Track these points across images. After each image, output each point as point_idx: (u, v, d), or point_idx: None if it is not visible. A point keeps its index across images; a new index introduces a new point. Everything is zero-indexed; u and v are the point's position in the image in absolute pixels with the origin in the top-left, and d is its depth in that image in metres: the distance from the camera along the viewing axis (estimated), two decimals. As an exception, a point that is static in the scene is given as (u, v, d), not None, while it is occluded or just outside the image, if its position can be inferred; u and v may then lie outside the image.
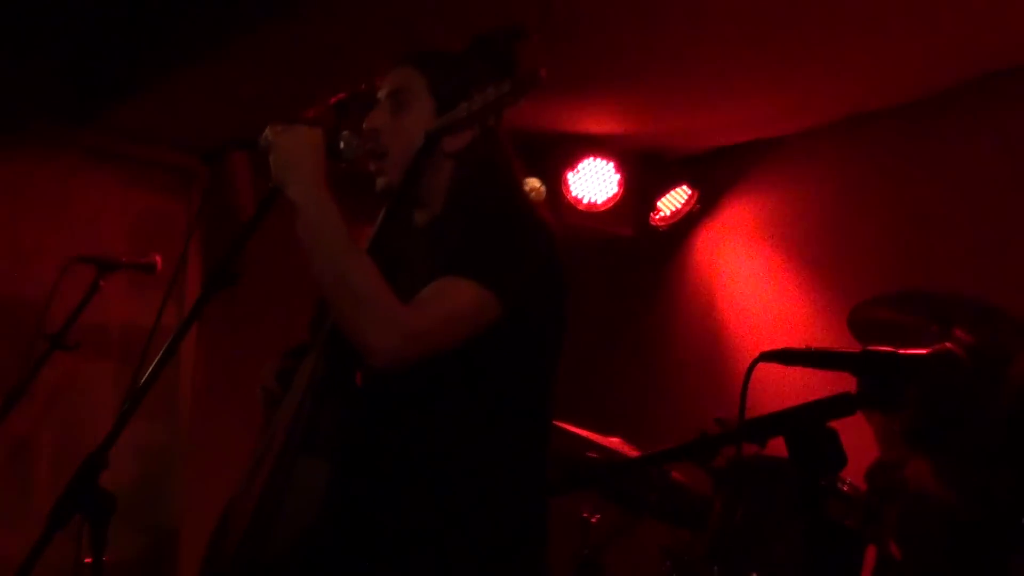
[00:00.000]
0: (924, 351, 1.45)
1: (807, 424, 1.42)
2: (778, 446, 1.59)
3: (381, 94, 2.42)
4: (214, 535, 2.24)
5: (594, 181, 5.58)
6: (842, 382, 1.55)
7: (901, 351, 1.45)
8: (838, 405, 1.41)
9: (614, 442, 4.16)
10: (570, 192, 5.53)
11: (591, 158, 5.54)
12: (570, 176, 5.53)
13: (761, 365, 1.65)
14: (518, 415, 2.30)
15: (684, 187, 5.72)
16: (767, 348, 5.49)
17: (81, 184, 5.42)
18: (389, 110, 2.39)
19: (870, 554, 3.46)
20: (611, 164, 5.57)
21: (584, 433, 4.09)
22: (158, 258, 4.20)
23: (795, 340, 5.01)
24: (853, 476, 3.37)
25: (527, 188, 5.30)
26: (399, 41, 4.12)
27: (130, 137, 5.46)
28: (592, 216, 5.62)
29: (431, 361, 2.17)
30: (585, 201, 5.58)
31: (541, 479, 2.32)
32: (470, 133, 2.35)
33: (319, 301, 2.36)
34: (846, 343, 3.79)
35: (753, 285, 5.50)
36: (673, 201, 5.75)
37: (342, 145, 2.27)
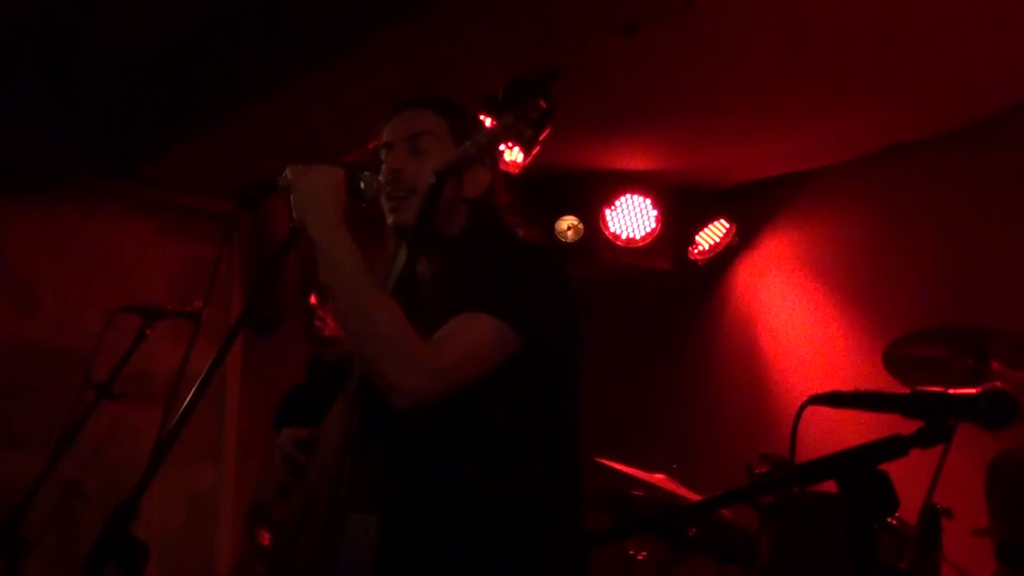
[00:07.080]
0: (974, 390, 1.44)
1: (859, 468, 1.42)
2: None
3: (394, 137, 2.39)
4: None
5: (632, 217, 5.60)
6: (887, 419, 1.54)
7: (951, 391, 1.44)
8: (890, 447, 1.41)
9: (659, 479, 4.14)
10: (608, 228, 5.55)
11: (628, 194, 5.56)
12: (608, 212, 5.55)
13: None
14: (553, 448, 2.30)
15: (722, 221, 5.71)
16: (808, 382, 5.43)
17: (124, 235, 5.49)
18: (408, 153, 2.36)
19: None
20: (648, 200, 5.58)
21: (628, 470, 4.08)
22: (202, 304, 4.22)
23: (836, 374, 5.03)
24: (901, 513, 3.35)
25: (563, 226, 5.36)
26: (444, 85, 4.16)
27: (171, 187, 5.53)
28: (631, 251, 5.63)
29: (461, 401, 2.19)
30: (623, 237, 5.59)
31: (580, 511, 2.33)
32: (487, 177, 2.37)
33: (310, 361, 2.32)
34: (886, 377, 3.79)
35: (794, 318, 5.48)
36: (711, 235, 5.74)
37: (363, 185, 2.27)
